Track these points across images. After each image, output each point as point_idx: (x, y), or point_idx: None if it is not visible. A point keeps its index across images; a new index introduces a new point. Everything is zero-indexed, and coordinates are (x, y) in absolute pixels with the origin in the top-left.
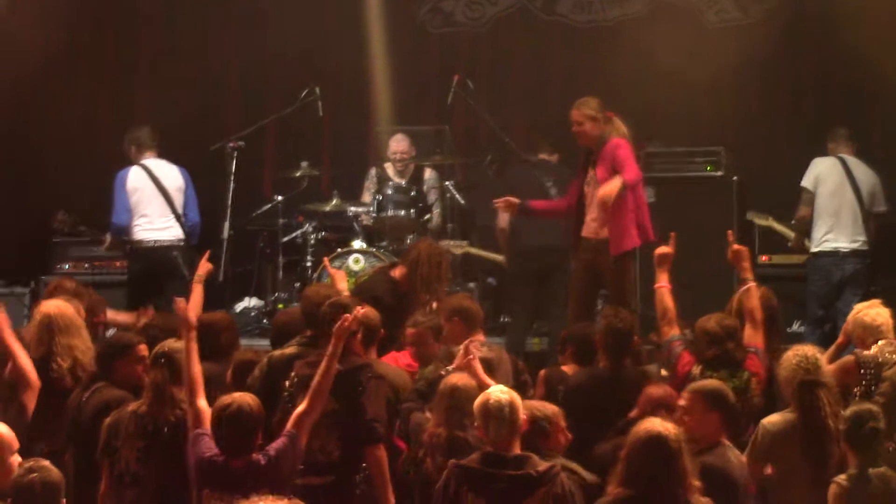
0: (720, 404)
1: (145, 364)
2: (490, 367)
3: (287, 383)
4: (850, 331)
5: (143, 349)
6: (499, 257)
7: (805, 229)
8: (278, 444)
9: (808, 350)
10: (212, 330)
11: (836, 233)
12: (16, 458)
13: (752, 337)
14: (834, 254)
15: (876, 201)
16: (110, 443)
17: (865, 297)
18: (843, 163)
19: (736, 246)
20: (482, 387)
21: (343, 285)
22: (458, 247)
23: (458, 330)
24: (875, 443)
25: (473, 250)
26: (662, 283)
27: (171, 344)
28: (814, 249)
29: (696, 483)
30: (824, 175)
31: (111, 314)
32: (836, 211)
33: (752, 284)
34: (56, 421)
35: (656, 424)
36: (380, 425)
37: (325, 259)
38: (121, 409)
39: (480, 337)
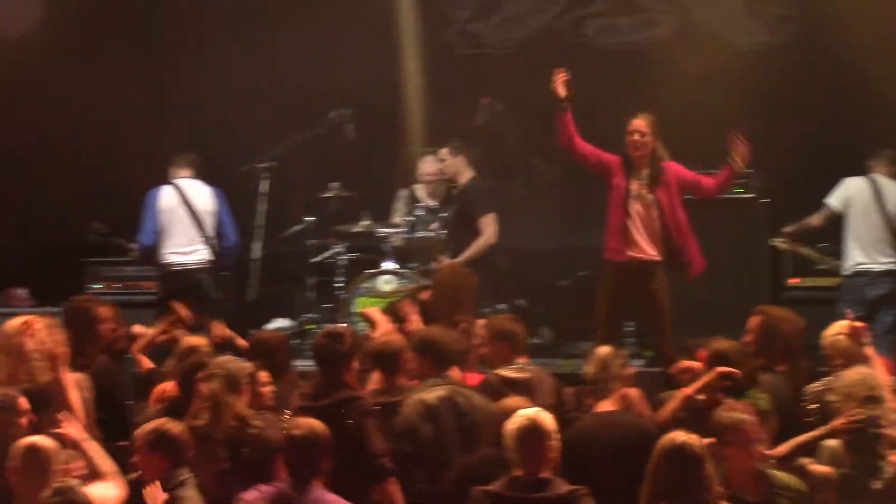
0: None
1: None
2: (528, 388)
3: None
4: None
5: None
6: None
7: (826, 251)
8: None
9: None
10: (267, 347)
11: (867, 253)
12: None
13: None
14: (866, 274)
15: None
16: None
17: None
18: (874, 183)
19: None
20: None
21: (380, 321)
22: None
23: (502, 352)
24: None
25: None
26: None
27: (227, 358)
28: (845, 271)
29: (721, 490)
30: (854, 195)
31: (139, 329)
32: (867, 231)
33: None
34: None
35: (679, 435)
36: (387, 459)
37: (367, 311)
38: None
39: (522, 360)
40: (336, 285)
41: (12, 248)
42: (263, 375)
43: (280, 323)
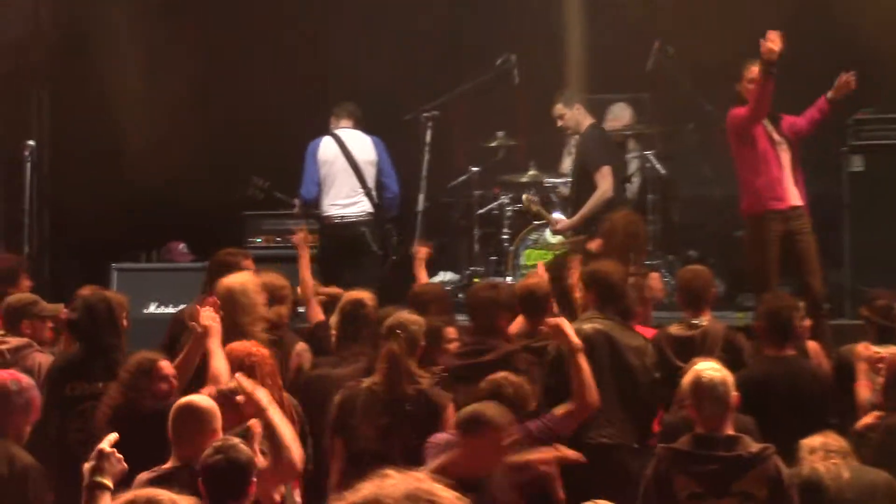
0: None
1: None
2: (699, 344)
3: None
4: None
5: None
6: None
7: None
8: None
9: None
10: (419, 301)
11: None
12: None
13: None
14: None
15: None
16: (345, 420)
17: None
18: None
19: None
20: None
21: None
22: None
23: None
24: None
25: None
26: None
27: (406, 315)
28: None
29: None
30: None
31: (319, 287)
32: None
33: None
34: None
35: None
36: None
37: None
38: (353, 384)
39: (705, 315)
40: (502, 237)
41: (173, 202)
42: (451, 331)
43: (444, 276)
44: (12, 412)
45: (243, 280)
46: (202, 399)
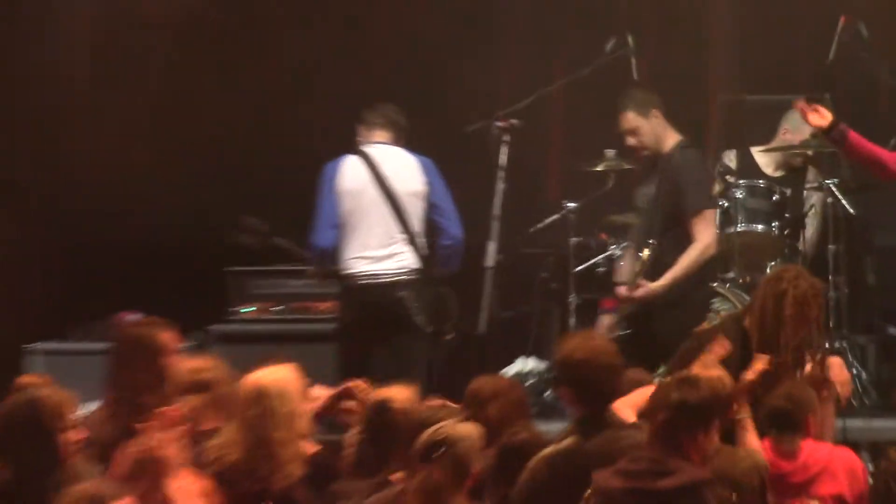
0: None
1: None
2: None
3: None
4: None
5: None
6: None
7: None
8: None
9: None
10: (476, 399)
11: None
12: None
13: None
14: None
15: None
16: None
17: None
18: None
19: None
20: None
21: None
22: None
23: None
24: None
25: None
26: None
27: (453, 426)
28: None
29: None
30: None
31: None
32: None
33: None
34: None
35: None
36: None
37: None
38: None
39: None
40: None
41: (124, 253)
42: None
43: (525, 364)
44: None
45: (280, 379)
46: None
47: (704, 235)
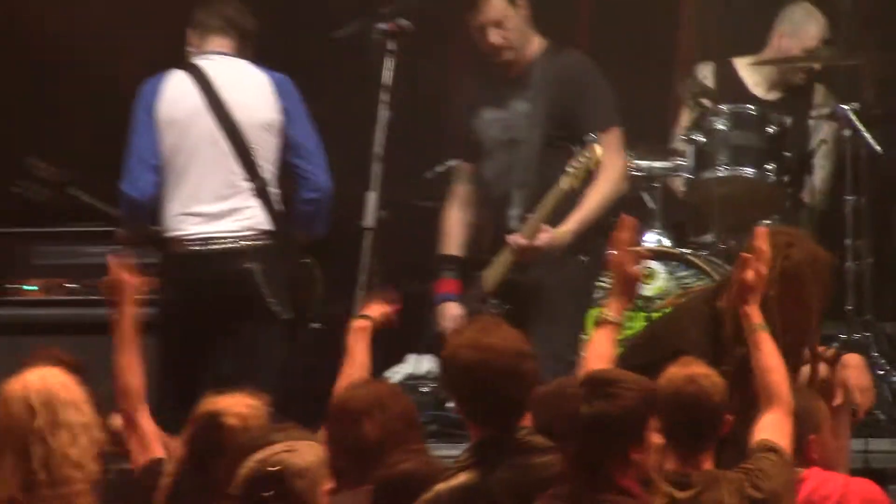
0: None
1: None
2: None
3: None
4: None
5: None
6: None
7: None
8: None
9: None
10: (347, 415)
11: None
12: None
13: None
14: None
15: None
16: None
17: None
18: None
19: None
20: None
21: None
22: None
23: None
24: None
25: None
26: None
27: (289, 454)
28: None
29: None
30: None
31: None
32: None
33: None
34: None
35: None
36: None
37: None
38: None
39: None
40: None
41: None
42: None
43: (416, 364)
44: None
45: (59, 383)
46: None
47: (616, 162)
